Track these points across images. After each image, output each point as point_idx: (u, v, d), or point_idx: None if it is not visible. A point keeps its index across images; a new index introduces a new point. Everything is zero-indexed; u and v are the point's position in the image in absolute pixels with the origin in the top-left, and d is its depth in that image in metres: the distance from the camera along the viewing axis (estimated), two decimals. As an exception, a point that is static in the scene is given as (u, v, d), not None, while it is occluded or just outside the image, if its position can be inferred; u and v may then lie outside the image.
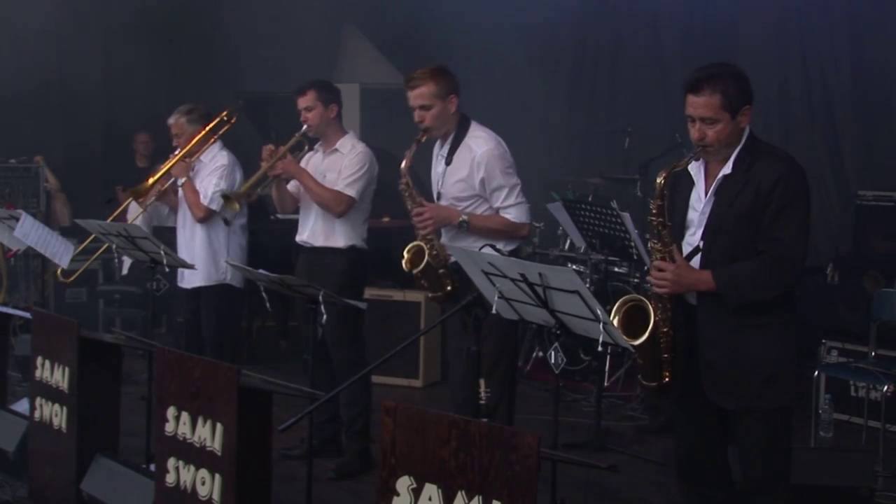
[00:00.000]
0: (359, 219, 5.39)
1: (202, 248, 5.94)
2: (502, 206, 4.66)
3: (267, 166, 5.32)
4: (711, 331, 3.63)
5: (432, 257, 4.67)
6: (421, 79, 4.65)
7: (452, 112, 4.71)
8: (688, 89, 3.58)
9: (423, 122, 4.68)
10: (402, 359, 6.86)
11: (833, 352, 6.46)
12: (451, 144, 4.74)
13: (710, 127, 3.56)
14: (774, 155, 3.62)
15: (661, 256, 3.62)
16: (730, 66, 3.62)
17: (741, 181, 3.58)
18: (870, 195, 6.84)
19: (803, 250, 3.58)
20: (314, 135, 5.42)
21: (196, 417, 3.80)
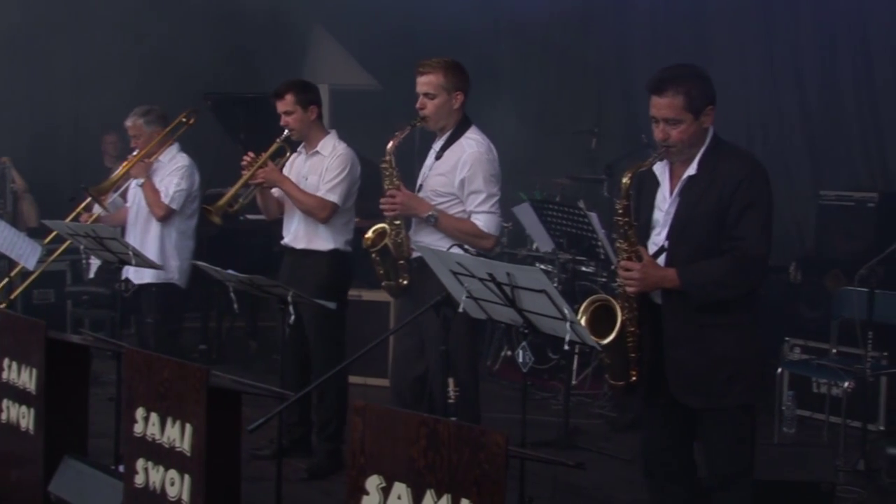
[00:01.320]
0: (342, 221, 5.35)
1: (154, 246, 5.96)
2: (475, 209, 4.63)
3: (248, 175, 5.25)
4: (676, 330, 3.64)
5: (394, 244, 4.65)
6: (432, 67, 4.61)
7: (455, 108, 4.67)
8: (651, 90, 3.59)
9: (424, 109, 4.64)
10: (371, 358, 6.84)
11: (796, 349, 6.51)
12: (446, 141, 4.71)
13: (673, 127, 3.57)
14: (738, 155, 3.64)
15: (628, 256, 3.62)
16: (692, 66, 3.64)
17: (706, 182, 3.59)
18: (832, 195, 6.89)
19: (767, 250, 3.60)
20: (296, 138, 5.38)
21: (165, 418, 3.77)
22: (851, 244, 6.68)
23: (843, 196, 6.81)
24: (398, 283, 4.74)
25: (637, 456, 4.99)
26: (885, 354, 6.01)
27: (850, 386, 5.53)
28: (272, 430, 4.38)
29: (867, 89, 7.52)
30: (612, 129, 8.67)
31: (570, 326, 3.42)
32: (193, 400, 3.65)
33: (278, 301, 4.61)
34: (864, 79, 7.52)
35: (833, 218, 6.82)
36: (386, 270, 4.73)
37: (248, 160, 5.26)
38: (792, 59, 7.93)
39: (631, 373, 3.73)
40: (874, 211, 6.61)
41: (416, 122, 4.66)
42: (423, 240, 4.64)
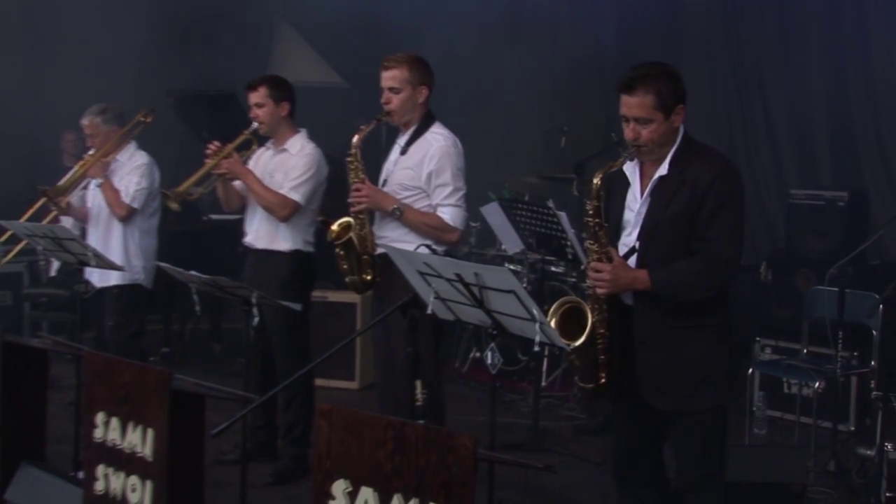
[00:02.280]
0: (304, 221, 5.34)
1: (118, 246, 5.91)
2: (441, 202, 4.67)
3: (211, 164, 5.24)
4: (646, 331, 3.65)
5: (358, 237, 4.66)
6: (397, 61, 4.67)
7: (420, 103, 4.72)
8: (621, 89, 3.60)
9: (389, 103, 4.68)
10: (337, 360, 6.84)
11: (766, 349, 6.56)
12: (411, 136, 4.75)
13: (643, 127, 3.58)
14: (709, 155, 3.65)
15: (598, 257, 3.63)
16: (663, 65, 3.64)
17: (677, 182, 3.60)
18: (801, 194, 6.93)
19: (739, 251, 3.62)
20: (264, 133, 5.36)
21: (126, 423, 3.74)
22: (821, 243, 6.73)
23: (813, 195, 6.86)
24: (361, 279, 4.74)
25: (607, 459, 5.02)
26: (855, 354, 6.06)
27: (821, 386, 5.58)
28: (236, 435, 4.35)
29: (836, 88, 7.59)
30: (582, 128, 8.70)
31: (539, 327, 3.43)
32: (155, 404, 3.62)
33: (242, 303, 4.59)
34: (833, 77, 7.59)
35: (803, 217, 6.87)
36: (350, 265, 4.73)
37: (212, 149, 5.25)
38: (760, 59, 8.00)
39: (600, 375, 3.73)
40: (844, 210, 6.67)
41: (381, 117, 4.70)
42: (388, 234, 4.67)
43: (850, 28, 7.42)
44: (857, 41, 7.38)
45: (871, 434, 5.39)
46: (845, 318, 5.37)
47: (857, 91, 7.44)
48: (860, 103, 7.43)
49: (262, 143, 5.48)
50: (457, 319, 3.90)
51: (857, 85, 7.43)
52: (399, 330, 4.13)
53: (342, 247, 4.69)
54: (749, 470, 4.55)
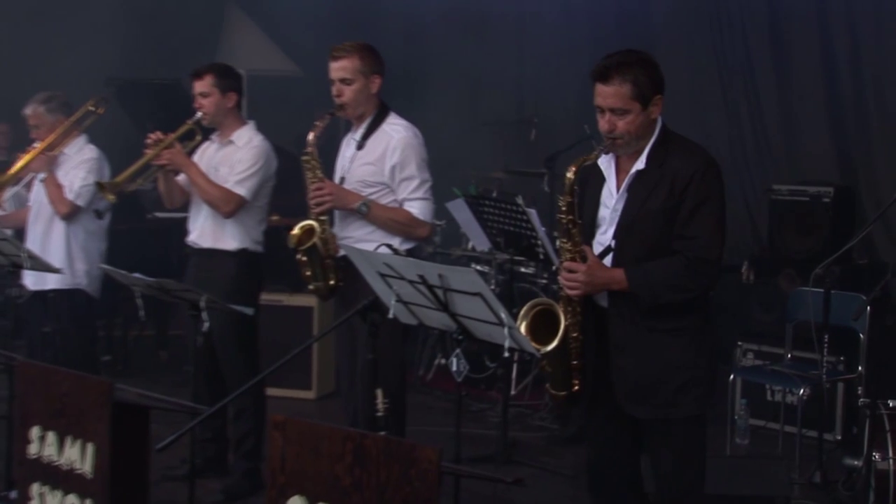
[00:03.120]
0: (252, 219, 5.32)
1: (59, 248, 5.84)
2: (408, 196, 4.70)
3: (151, 154, 5.20)
4: (623, 335, 3.67)
5: (321, 241, 4.66)
6: (346, 51, 4.68)
7: (373, 93, 4.76)
8: (596, 78, 3.61)
9: (341, 96, 4.70)
10: (293, 368, 6.81)
11: (749, 354, 6.61)
12: (366, 129, 4.78)
13: (619, 118, 3.59)
14: (689, 149, 3.67)
15: (572, 256, 3.64)
16: (640, 53, 3.66)
17: (655, 177, 3.62)
18: (784, 189, 6.94)
19: (720, 250, 3.64)
20: (209, 124, 5.34)
21: (63, 437, 3.71)
22: (806, 242, 6.78)
23: (797, 191, 6.89)
24: (326, 284, 4.75)
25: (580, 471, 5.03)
26: (841, 359, 6.12)
27: (806, 393, 5.63)
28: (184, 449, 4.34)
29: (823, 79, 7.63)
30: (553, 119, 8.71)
31: (507, 332, 3.43)
32: (96, 416, 3.59)
33: (190, 307, 4.57)
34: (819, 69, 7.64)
35: (786, 214, 6.91)
36: (313, 271, 4.73)
37: (153, 139, 5.21)
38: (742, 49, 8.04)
39: (573, 382, 3.75)
40: (829, 206, 6.70)
41: (333, 111, 4.71)
42: (353, 234, 4.67)
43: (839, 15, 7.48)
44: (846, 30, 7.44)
45: (859, 443, 5.44)
46: (831, 321, 5.42)
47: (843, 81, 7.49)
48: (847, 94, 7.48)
49: (207, 135, 5.45)
50: (420, 324, 3.89)
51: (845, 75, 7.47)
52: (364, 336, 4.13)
53: (305, 252, 4.68)
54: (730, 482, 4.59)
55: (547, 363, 3.74)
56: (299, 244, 4.69)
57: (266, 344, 5.50)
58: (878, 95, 7.35)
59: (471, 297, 3.44)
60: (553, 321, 3.67)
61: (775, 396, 6.34)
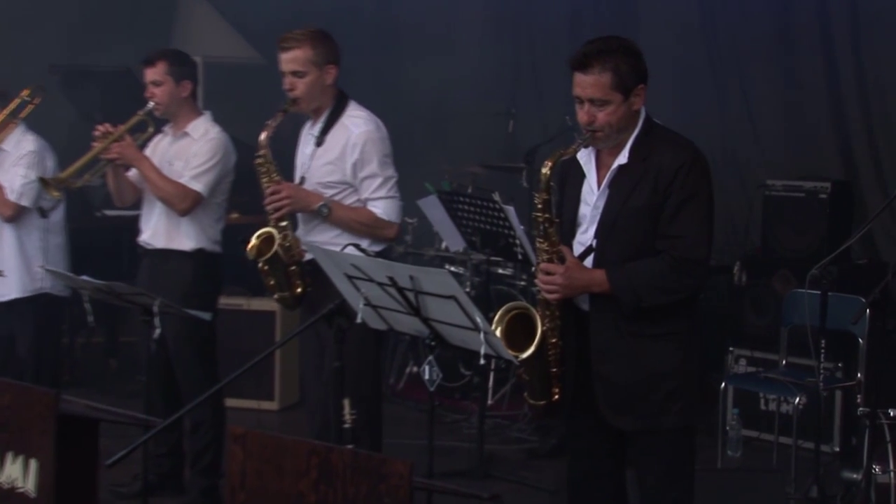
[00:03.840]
0: (210, 217, 5.32)
1: (12, 253, 5.78)
2: (371, 196, 4.70)
3: (99, 148, 5.18)
4: (605, 341, 3.68)
5: (283, 248, 4.65)
6: (297, 40, 4.66)
7: (329, 84, 4.74)
8: (574, 66, 3.62)
9: (294, 90, 4.67)
10: (254, 378, 6.79)
11: (741, 361, 6.64)
12: (325, 123, 4.76)
13: (599, 109, 3.60)
14: (675, 142, 3.69)
15: (549, 257, 3.65)
16: (621, 40, 3.67)
17: (638, 172, 3.63)
18: (779, 185, 6.95)
19: (707, 249, 3.67)
20: (162, 115, 5.34)
21: (4, 453, 3.69)
22: (802, 240, 6.80)
23: (792, 186, 6.90)
24: (292, 293, 4.75)
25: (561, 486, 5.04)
26: (839, 366, 6.16)
27: (802, 402, 5.66)
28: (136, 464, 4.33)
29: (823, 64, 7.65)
30: (532, 110, 8.73)
31: (483, 338, 3.44)
32: (39, 430, 3.58)
33: (142, 312, 4.56)
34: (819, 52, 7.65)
35: (781, 211, 6.92)
36: (277, 281, 4.73)
37: (101, 131, 5.18)
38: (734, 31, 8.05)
39: (553, 391, 3.76)
40: (826, 202, 6.72)
41: (287, 107, 4.69)
42: (316, 238, 4.66)
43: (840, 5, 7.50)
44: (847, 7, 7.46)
45: (858, 455, 5.48)
46: (828, 325, 5.44)
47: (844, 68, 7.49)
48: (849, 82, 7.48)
49: (160, 126, 5.44)
50: (390, 329, 3.90)
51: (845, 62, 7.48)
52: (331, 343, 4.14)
53: (267, 263, 4.67)
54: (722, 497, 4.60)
55: (524, 371, 3.75)
56: (259, 255, 4.68)
57: (225, 351, 5.50)
58: (883, 82, 7.36)
59: (444, 300, 3.45)
60: (530, 326, 3.68)
61: (769, 405, 6.37)
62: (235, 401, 6.79)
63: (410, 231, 7.76)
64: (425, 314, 3.59)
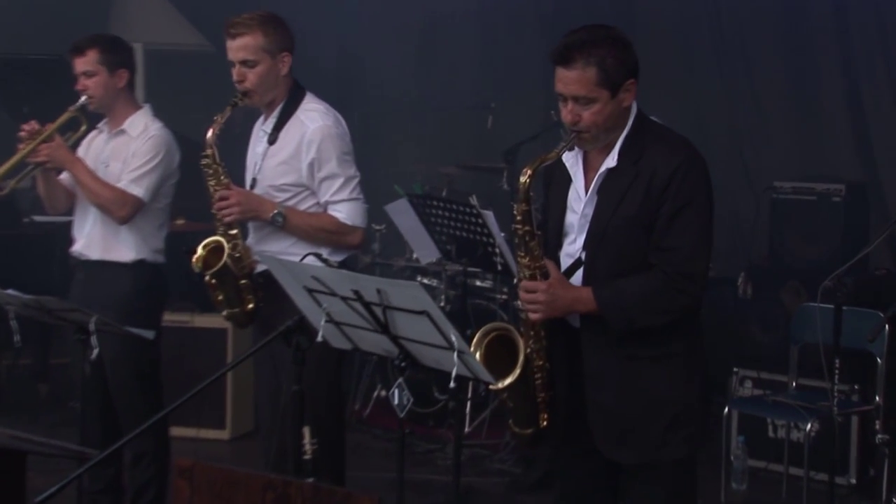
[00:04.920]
0: (151, 224, 5.30)
1: None
2: (332, 199, 4.70)
3: (26, 150, 5.15)
4: (598, 364, 3.68)
5: (233, 260, 4.65)
6: (246, 25, 4.65)
7: (283, 75, 4.74)
8: (556, 60, 3.60)
9: (244, 81, 4.67)
10: (203, 404, 6.78)
11: (746, 383, 6.66)
12: (279, 118, 4.76)
13: (585, 108, 3.58)
14: (669, 141, 3.69)
15: (531, 273, 3.65)
16: (607, 29, 3.64)
17: (629, 175, 3.63)
18: (788, 187, 6.98)
19: (705, 263, 3.67)
20: (95, 109, 5.31)
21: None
22: (813, 248, 6.84)
23: (802, 188, 6.94)
24: (243, 309, 4.74)
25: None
26: (856, 388, 6.19)
27: (815, 429, 5.69)
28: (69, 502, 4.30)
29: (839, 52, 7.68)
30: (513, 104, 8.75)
31: (457, 357, 3.45)
32: (-40, 464, 3.56)
33: (76, 330, 4.54)
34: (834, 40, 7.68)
35: (790, 216, 6.96)
36: (226, 296, 4.72)
37: (27, 131, 5.16)
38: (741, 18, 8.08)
39: (541, 417, 3.77)
40: (841, 206, 6.77)
41: (236, 100, 4.68)
42: (270, 248, 4.66)
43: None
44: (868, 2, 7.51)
45: (877, 488, 5.52)
46: (843, 343, 5.46)
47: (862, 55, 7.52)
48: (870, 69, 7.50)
49: (94, 123, 5.42)
50: (355, 349, 3.90)
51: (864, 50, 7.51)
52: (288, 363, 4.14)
53: (215, 276, 4.67)
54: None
55: (508, 398, 3.76)
56: (206, 267, 4.67)
57: (170, 374, 5.48)
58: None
59: (415, 316, 3.46)
60: (513, 348, 3.67)
61: (778, 433, 6.40)
62: (182, 430, 6.79)
63: (378, 239, 7.77)
64: (394, 332, 3.59)
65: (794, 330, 6.13)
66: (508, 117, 8.44)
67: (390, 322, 3.56)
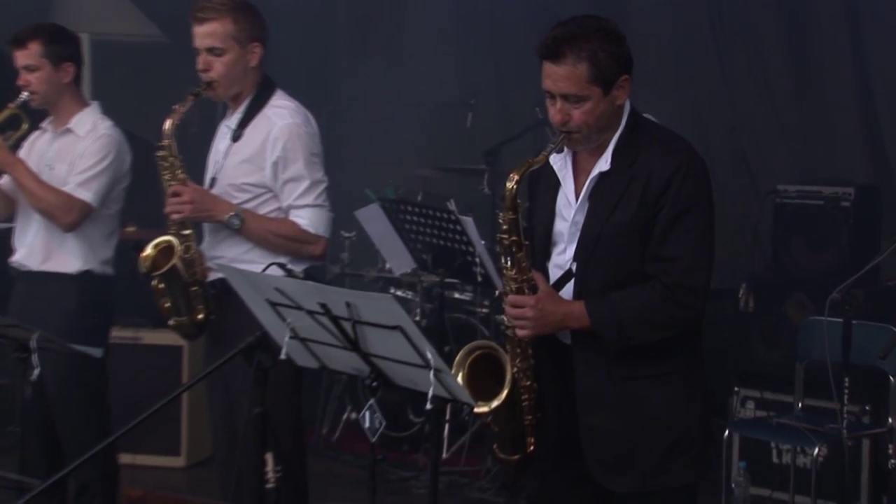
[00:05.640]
0: (100, 232, 5.30)
1: None
2: (295, 203, 4.70)
3: None
4: (590, 384, 3.68)
5: (184, 262, 4.64)
6: (216, 10, 4.65)
7: (252, 66, 4.75)
8: (543, 55, 3.60)
9: (209, 70, 4.67)
10: (156, 428, 6.76)
11: (748, 403, 6.66)
12: (245, 114, 4.78)
13: (575, 107, 3.58)
14: (666, 142, 3.69)
15: (518, 287, 3.65)
16: (599, 20, 3.64)
17: (623, 179, 3.63)
18: (793, 191, 6.97)
19: (707, 273, 3.67)
20: (39, 106, 5.32)
21: None
22: (820, 257, 6.84)
23: (808, 192, 6.94)
24: (192, 319, 4.74)
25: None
26: (867, 409, 6.20)
27: (823, 453, 5.69)
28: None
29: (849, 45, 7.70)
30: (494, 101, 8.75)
31: (433, 376, 3.44)
32: None
33: (15, 348, 4.52)
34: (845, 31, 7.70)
35: (795, 222, 6.96)
36: (174, 302, 4.71)
37: None
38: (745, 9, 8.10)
39: (528, 441, 3.76)
40: (850, 211, 6.77)
41: (200, 90, 4.69)
42: (225, 254, 4.66)
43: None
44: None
45: (890, 517, 5.53)
46: (853, 360, 5.48)
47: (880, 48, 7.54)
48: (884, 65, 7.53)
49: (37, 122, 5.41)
50: (322, 368, 3.89)
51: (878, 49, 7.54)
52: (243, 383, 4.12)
53: (163, 279, 4.64)
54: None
55: (493, 422, 3.75)
56: (154, 268, 4.66)
57: (119, 396, 5.46)
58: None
59: (388, 331, 3.45)
60: (497, 368, 3.67)
61: (783, 458, 6.41)
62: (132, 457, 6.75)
63: (347, 248, 7.76)
64: (365, 348, 3.58)
65: (799, 346, 6.14)
66: (490, 114, 8.45)
67: (361, 338, 3.56)
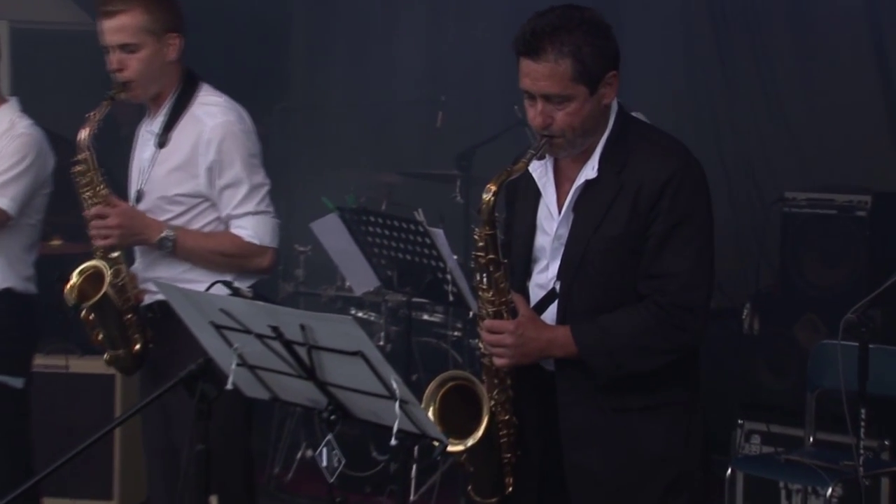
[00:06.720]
0: (20, 244, 5.30)
1: None
2: (235, 212, 4.69)
3: None
4: (578, 418, 3.70)
5: (115, 289, 4.63)
6: (123, 2, 4.62)
7: (170, 61, 4.72)
8: (521, 50, 3.61)
9: (123, 70, 4.65)
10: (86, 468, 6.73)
11: (753, 438, 6.69)
12: (169, 115, 4.75)
13: (558, 108, 3.60)
14: (659, 145, 3.71)
15: (496, 310, 3.66)
16: (583, 10, 3.64)
17: (612, 188, 3.64)
18: (802, 199, 6.98)
19: (706, 291, 3.70)
20: None
21: None
22: (833, 274, 6.87)
23: (819, 200, 6.96)
24: (130, 351, 4.72)
25: None
26: (886, 444, 6.23)
27: (837, 493, 5.72)
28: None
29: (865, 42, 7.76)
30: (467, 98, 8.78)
31: (399, 408, 3.45)
32: None
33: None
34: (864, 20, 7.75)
35: (805, 234, 6.99)
36: (108, 334, 4.69)
37: None
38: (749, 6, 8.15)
39: (507, 482, 3.78)
40: (866, 222, 6.79)
41: (114, 94, 4.66)
42: (161, 275, 4.63)
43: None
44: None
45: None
46: (870, 389, 5.49)
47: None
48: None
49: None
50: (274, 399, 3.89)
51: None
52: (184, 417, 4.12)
53: (92, 309, 4.63)
54: None
55: (467, 461, 3.75)
56: (83, 299, 4.64)
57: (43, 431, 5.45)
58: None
59: (348, 357, 3.45)
60: (473, 401, 3.68)
61: (792, 499, 6.42)
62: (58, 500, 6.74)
63: (302, 263, 7.75)
64: (322, 377, 3.58)
65: (810, 373, 6.17)
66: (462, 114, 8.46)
67: (317, 365, 3.56)
